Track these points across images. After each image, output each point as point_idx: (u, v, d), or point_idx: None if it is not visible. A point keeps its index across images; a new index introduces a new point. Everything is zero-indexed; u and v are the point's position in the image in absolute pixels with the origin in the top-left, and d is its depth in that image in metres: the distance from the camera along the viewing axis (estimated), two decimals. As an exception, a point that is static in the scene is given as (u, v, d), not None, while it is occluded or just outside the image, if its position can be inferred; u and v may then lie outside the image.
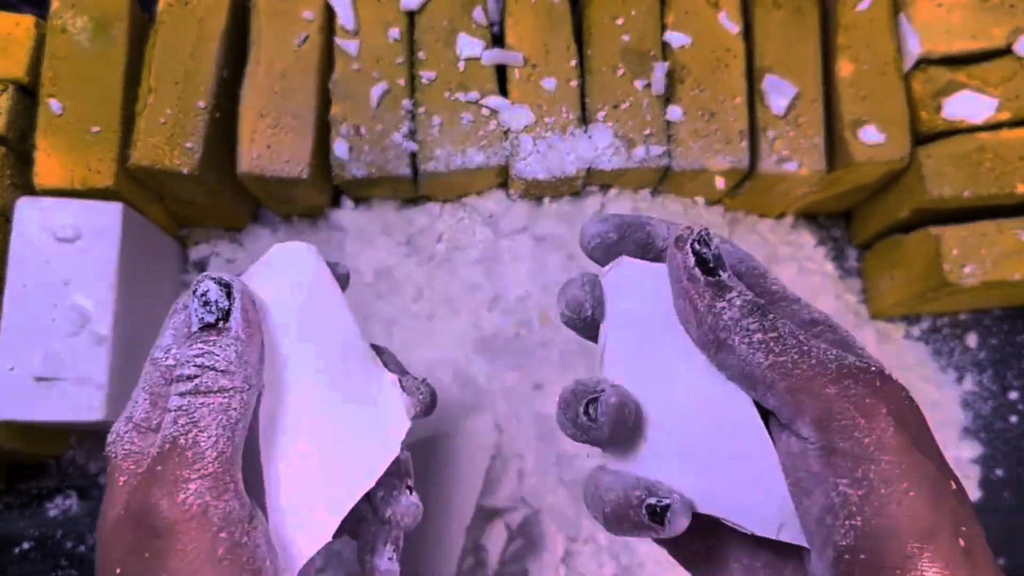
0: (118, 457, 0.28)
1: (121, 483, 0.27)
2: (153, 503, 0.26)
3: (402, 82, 0.53)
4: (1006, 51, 0.54)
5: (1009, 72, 0.53)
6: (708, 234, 0.29)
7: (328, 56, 0.53)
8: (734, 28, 0.54)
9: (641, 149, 0.53)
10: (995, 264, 0.52)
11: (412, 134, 0.53)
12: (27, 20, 0.52)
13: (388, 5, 0.54)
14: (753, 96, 0.54)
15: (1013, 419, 0.60)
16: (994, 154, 0.52)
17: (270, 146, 0.51)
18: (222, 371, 0.28)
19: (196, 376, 0.27)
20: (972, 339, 0.61)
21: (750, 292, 0.28)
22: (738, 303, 0.27)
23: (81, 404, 0.47)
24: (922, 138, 0.54)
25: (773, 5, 0.55)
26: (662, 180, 0.56)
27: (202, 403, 0.27)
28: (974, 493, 0.58)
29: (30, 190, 0.50)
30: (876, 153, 0.53)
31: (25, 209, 0.49)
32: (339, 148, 0.52)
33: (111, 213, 0.49)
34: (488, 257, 0.56)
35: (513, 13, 0.54)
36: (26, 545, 0.55)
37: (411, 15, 0.54)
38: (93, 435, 0.56)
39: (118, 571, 0.26)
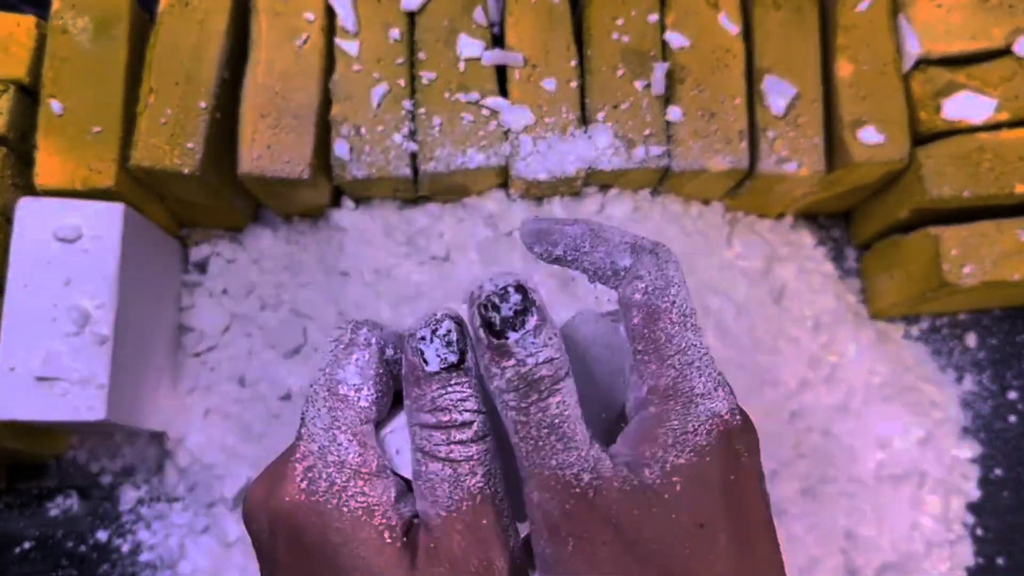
0: (353, 511, 0.26)
1: (388, 540, 0.26)
2: (490, 561, 0.26)
3: (402, 82, 0.53)
4: (1006, 51, 0.54)
5: (1009, 72, 0.53)
6: (512, 286, 0.26)
7: (329, 56, 0.53)
8: (734, 28, 0.54)
9: (641, 149, 0.53)
10: (995, 264, 0.52)
11: (412, 134, 0.53)
12: (28, 20, 0.52)
13: (388, 5, 0.54)
14: (753, 96, 0.54)
15: (1013, 419, 0.60)
16: (994, 154, 0.52)
17: (270, 146, 0.51)
18: (485, 413, 0.27)
19: (472, 422, 0.27)
20: (972, 339, 0.61)
21: (537, 361, 0.26)
22: (508, 375, 0.26)
23: (82, 404, 0.47)
24: (922, 138, 0.54)
25: (773, 5, 0.55)
26: (662, 180, 0.56)
27: (485, 450, 0.27)
28: (973, 493, 0.58)
29: (31, 190, 0.50)
30: (876, 153, 0.53)
31: (26, 209, 0.49)
32: (339, 148, 0.52)
33: (112, 213, 0.49)
34: (488, 257, 0.56)
35: (513, 13, 0.54)
36: (26, 545, 0.55)
37: (411, 15, 0.54)
38: (94, 435, 0.56)
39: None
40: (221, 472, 0.55)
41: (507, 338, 0.26)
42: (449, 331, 0.27)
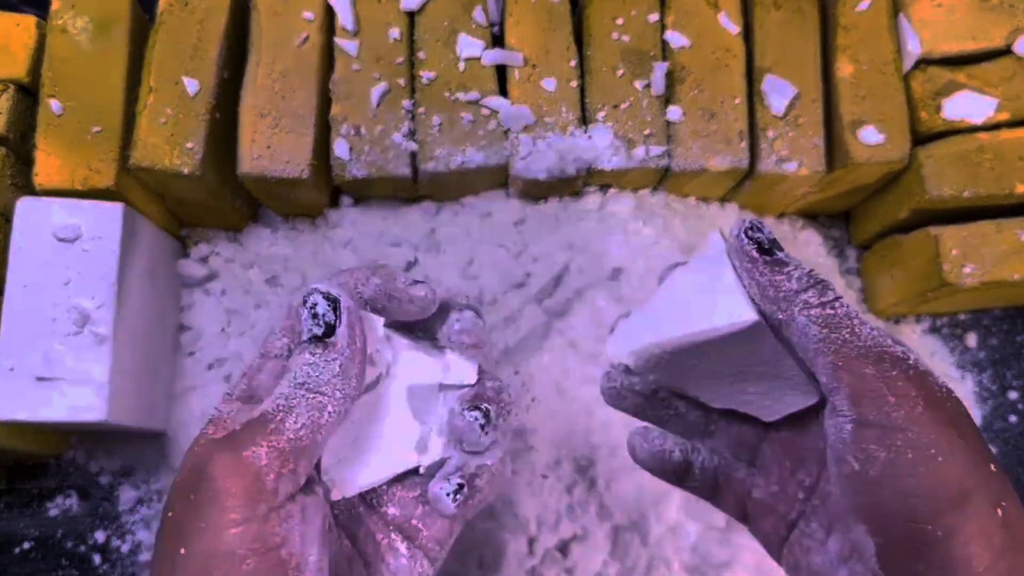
0: (205, 423, 0.30)
1: (201, 442, 0.29)
2: (219, 455, 0.27)
3: (402, 82, 0.53)
4: (1006, 51, 0.54)
5: (1009, 72, 0.53)
6: (759, 222, 0.31)
7: (328, 56, 0.53)
8: (734, 28, 0.54)
9: (641, 149, 0.53)
10: (995, 264, 0.52)
11: (412, 134, 0.53)
12: (28, 20, 0.52)
13: (388, 5, 0.54)
14: (753, 96, 0.54)
15: (1013, 419, 0.60)
16: (994, 154, 0.52)
17: (270, 146, 0.51)
18: (324, 381, 0.29)
19: (303, 379, 0.29)
20: (972, 339, 0.61)
21: (808, 266, 0.30)
22: (796, 275, 0.29)
23: (82, 404, 0.47)
24: (922, 138, 0.54)
25: (773, 5, 0.55)
26: (662, 180, 0.56)
27: (302, 395, 0.29)
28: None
29: (31, 190, 0.50)
30: (876, 153, 0.53)
31: (26, 209, 0.49)
32: (339, 148, 0.52)
33: (112, 213, 0.49)
34: (488, 258, 0.56)
35: (513, 13, 0.54)
36: (26, 545, 0.55)
37: (411, 15, 0.54)
38: (94, 435, 0.56)
39: (170, 514, 0.28)
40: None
41: (776, 254, 0.30)
42: (315, 304, 0.30)
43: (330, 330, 0.30)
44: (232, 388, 0.32)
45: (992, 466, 0.27)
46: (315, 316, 0.30)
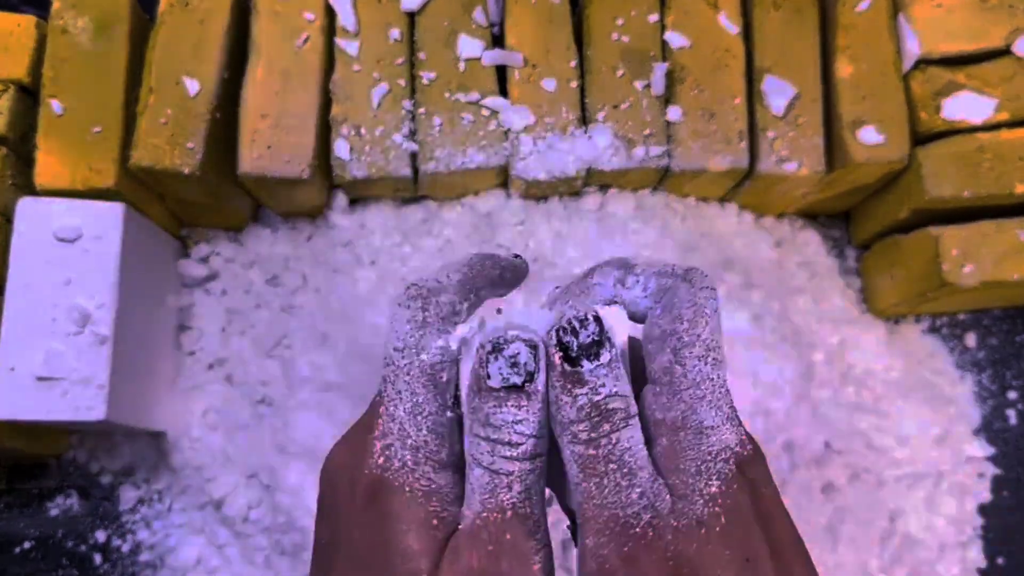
0: (414, 491, 0.27)
1: (435, 525, 0.27)
2: (505, 572, 0.26)
3: (402, 82, 0.53)
4: (1006, 51, 0.54)
5: (1009, 72, 0.53)
6: (587, 319, 0.27)
7: (329, 56, 0.53)
8: (734, 29, 0.54)
9: (641, 149, 0.53)
10: (995, 264, 0.52)
11: (412, 134, 0.53)
12: (28, 20, 0.52)
13: (388, 6, 0.54)
14: (753, 96, 0.54)
15: (1013, 419, 0.60)
16: (993, 154, 0.52)
17: (271, 146, 0.51)
18: (539, 438, 0.27)
19: (520, 444, 0.26)
20: (971, 339, 0.61)
21: (609, 392, 0.26)
22: (580, 402, 0.26)
23: (82, 404, 0.47)
24: (921, 138, 0.54)
25: (773, 5, 0.55)
26: (662, 180, 0.56)
27: (530, 469, 0.27)
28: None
29: (31, 190, 0.50)
30: (875, 153, 0.53)
31: (26, 209, 0.49)
32: (340, 148, 0.52)
33: (112, 213, 0.49)
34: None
35: (513, 13, 0.54)
36: (26, 545, 0.55)
37: (411, 16, 0.54)
38: (94, 435, 0.56)
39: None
40: (216, 473, 0.55)
41: (582, 366, 0.26)
42: (517, 352, 0.27)
43: (530, 378, 0.27)
44: (414, 436, 0.28)
45: None
46: (514, 365, 0.27)
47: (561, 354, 0.26)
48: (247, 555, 0.54)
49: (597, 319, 0.27)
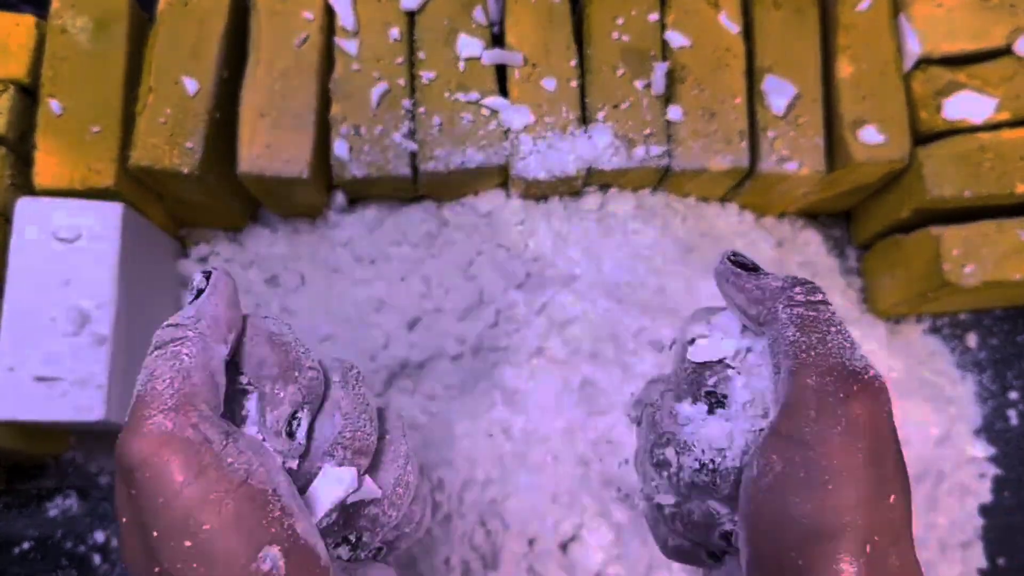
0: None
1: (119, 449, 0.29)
2: (125, 446, 0.27)
3: (402, 82, 0.53)
4: (1006, 51, 0.54)
5: (1009, 72, 0.53)
6: (739, 252, 0.32)
7: (328, 56, 0.53)
8: (734, 28, 0.54)
9: (641, 149, 0.53)
10: (995, 264, 0.52)
11: (412, 134, 0.53)
12: (27, 20, 0.52)
13: (388, 5, 0.54)
14: (753, 96, 0.54)
15: (1014, 419, 0.60)
16: (994, 154, 0.52)
17: (270, 146, 0.51)
18: (173, 325, 0.29)
19: (159, 340, 0.29)
20: (972, 339, 0.61)
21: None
22: (782, 277, 0.30)
23: (81, 404, 0.47)
24: (922, 138, 0.54)
25: (773, 5, 0.55)
26: (662, 180, 0.56)
27: (157, 355, 0.29)
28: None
29: (30, 190, 0.50)
30: (876, 153, 0.53)
31: (25, 209, 0.49)
32: (339, 148, 0.52)
33: (111, 213, 0.49)
34: (489, 258, 0.56)
35: (513, 13, 0.54)
36: (26, 545, 0.55)
37: (411, 15, 0.54)
38: (93, 435, 0.56)
39: (123, 519, 0.28)
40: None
41: (760, 268, 0.31)
42: (193, 279, 0.31)
43: (198, 294, 0.31)
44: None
45: (891, 497, 0.26)
46: (191, 290, 0.31)
47: (741, 268, 0.31)
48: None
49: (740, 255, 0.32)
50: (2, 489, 0.55)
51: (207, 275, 0.31)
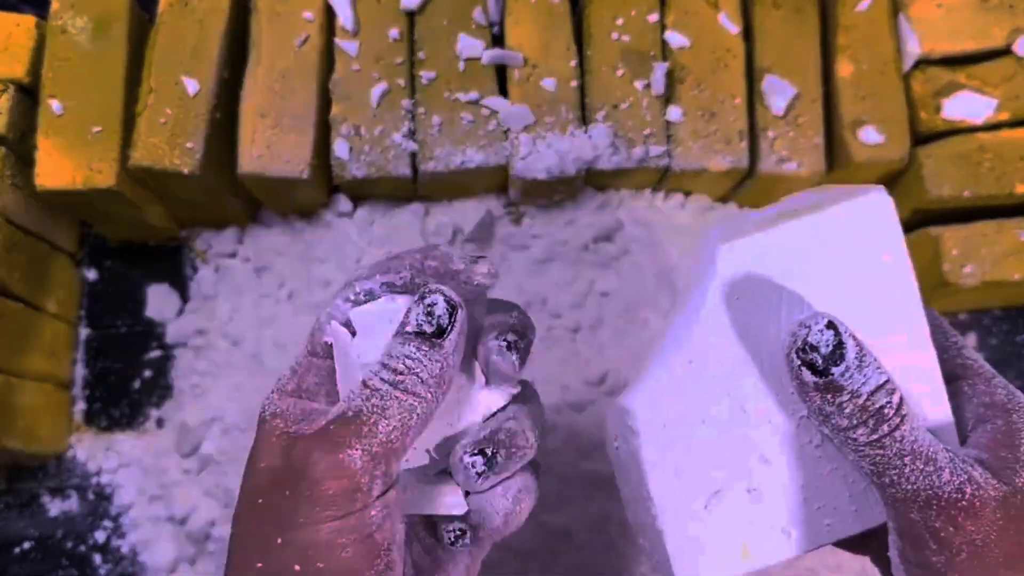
0: (266, 413, 0.30)
1: (274, 437, 0.29)
2: (313, 454, 0.27)
3: (402, 82, 0.53)
4: (1006, 51, 0.54)
5: (1009, 72, 0.53)
6: (816, 332, 0.27)
7: (328, 56, 0.53)
8: (734, 28, 0.54)
9: (641, 149, 0.53)
10: (995, 264, 0.52)
11: (412, 134, 0.53)
12: (27, 20, 0.52)
13: (388, 5, 0.54)
14: (753, 96, 0.54)
15: (1013, 419, 0.60)
16: (994, 154, 0.52)
17: (270, 146, 0.51)
18: (423, 381, 0.29)
19: (403, 373, 0.29)
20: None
21: (870, 388, 0.27)
22: (847, 410, 0.27)
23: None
24: (922, 138, 0.54)
25: (773, 5, 0.55)
26: (662, 180, 0.56)
27: (396, 396, 0.28)
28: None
29: (31, 190, 0.50)
30: (876, 153, 0.53)
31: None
32: (339, 148, 0.52)
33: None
34: (488, 257, 0.56)
35: (513, 13, 0.54)
36: (26, 545, 0.55)
37: (411, 15, 0.54)
38: (92, 434, 0.56)
39: (260, 501, 0.28)
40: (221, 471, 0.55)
41: (832, 374, 0.27)
42: (434, 304, 0.29)
43: (440, 332, 0.29)
44: (282, 383, 0.31)
45: None
46: (430, 314, 0.29)
47: (809, 371, 0.27)
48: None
49: (829, 324, 0.27)
50: (2, 489, 0.55)
51: (451, 307, 0.29)
